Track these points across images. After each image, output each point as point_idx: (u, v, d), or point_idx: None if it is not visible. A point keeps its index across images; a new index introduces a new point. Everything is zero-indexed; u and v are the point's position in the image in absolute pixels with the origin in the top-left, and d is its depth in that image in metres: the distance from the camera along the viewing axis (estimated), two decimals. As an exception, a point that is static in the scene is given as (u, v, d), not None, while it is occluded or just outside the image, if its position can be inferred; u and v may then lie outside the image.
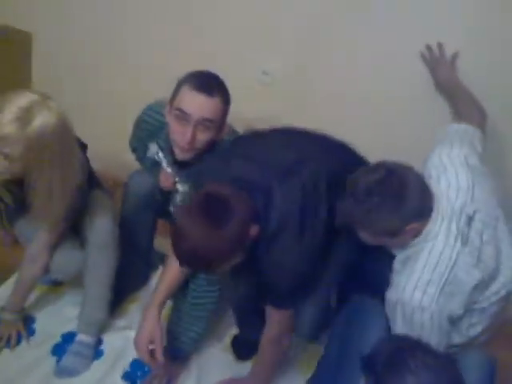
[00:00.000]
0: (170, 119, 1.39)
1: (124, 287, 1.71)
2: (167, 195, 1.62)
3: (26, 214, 1.43)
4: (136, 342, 1.41)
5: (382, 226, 1.18)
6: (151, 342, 1.39)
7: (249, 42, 1.72)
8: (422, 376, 0.95)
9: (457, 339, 1.28)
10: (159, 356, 1.38)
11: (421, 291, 1.18)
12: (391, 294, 1.24)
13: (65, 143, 1.29)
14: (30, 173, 1.29)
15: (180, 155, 1.41)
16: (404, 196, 1.16)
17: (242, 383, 1.54)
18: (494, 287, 1.25)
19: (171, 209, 1.62)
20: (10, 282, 1.67)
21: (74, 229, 1.54)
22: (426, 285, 1.18)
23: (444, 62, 1.54)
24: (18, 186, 1.36)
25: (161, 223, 1.74)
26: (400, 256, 1.25)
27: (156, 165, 1.57)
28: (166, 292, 1.44)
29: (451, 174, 1.26)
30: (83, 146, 1.49)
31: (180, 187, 1.55)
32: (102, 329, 1.62)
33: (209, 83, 1.36)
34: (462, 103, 1.48)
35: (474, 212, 1.22)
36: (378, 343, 1.13)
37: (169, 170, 1.54)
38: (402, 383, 0.95)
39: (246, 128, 1.56)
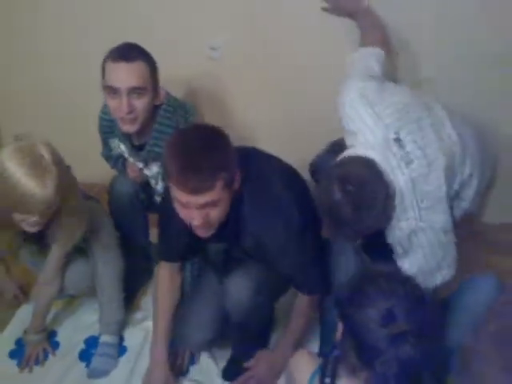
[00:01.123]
0: (106, 100, 1.43)
1: (132, 284, 1.78)
2: (149, 189, 1.67)
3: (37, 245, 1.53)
4: None
5: (380, 219, 1.22)
6: None
7: (195, 19, 1.74)
8: (380, 305, 0.96)
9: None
10: None
11: (404, 220, 1.25)
12: (388, 239, 1.29)
13: (65, 169, 1.35)
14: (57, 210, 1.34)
15: (126, 128, 1.45)
16: (367, 183, 1.19)
17: (272, 355, 1.54)
18: (462, 166, 1.33)
19: (156, 199, 1.67)
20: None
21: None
22: (404, 213, 1.24)
23: None
24: None
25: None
26: None
27: (125, 162, 1.62)
28: (165, 331, 1.48)
29: (359, 122, 1.29)
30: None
31: (148, 172, 1.59)
32: (121, 327, 1.70)
33: (126, 50, 1.39)
34: (364, 24, 1.51)
35: (396, 133, 1.26)
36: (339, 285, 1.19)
37: (131, 159, 1.59)
38: (364, 317, 0.97)
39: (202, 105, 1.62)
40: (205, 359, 1.62)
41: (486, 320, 0.83)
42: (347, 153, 1.29)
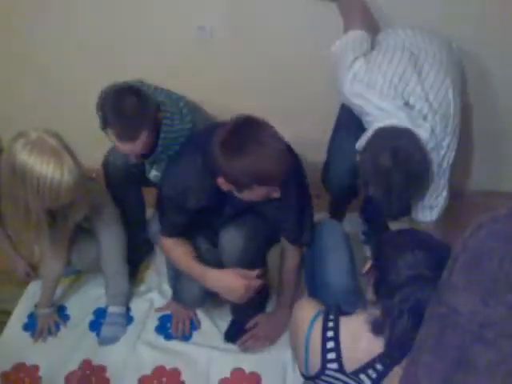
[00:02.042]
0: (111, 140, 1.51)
1: (135, 259, 1.90)
2: (141, 165, 1.74)
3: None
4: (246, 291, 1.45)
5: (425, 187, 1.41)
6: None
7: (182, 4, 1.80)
8: (414, 251, 1.09)
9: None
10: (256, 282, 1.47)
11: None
12: None
13: (73, 153, 1.42)
14: None
15: (133, 160, 1.59)
16: (415, 153, 1.32)
17: (271, 315, 1.70)
18: None
19: (149, 176, 1.74)
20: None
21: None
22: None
23: None
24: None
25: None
26: None
27: None
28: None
29: (370, 107, 1.42)
30: None
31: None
32: (127, 298, 1.82)
33: (129, 127, 1.44)
34: (344, 7, 1.62)
35: (402, 98, 1.40)
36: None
37: None
38: (397, 256, 1.10)
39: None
40: (206, 323, 1.76)
41: (455, 254, 0.89)
42: (380, 125, 1.37)
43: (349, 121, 1.61)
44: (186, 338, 1.73)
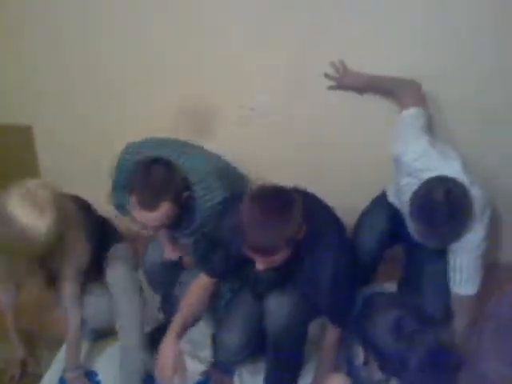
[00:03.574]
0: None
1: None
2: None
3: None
4: (160, 372, 1.43)
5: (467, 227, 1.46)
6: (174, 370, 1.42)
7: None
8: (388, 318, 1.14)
9: None
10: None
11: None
12: None
13: (63, 205, 1.47)
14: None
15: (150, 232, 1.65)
16: (467, 193, 1.41)
17: None
18: None
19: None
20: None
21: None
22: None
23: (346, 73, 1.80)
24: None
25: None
26: None
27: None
28: (185, 317, 1.50)
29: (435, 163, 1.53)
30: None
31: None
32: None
33: (150, 196, 1.42)
34: (392, 90, 1.74)
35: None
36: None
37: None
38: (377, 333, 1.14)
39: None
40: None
41: (484, 321, 0.93)
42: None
43: (381, 200, 1.78)
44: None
